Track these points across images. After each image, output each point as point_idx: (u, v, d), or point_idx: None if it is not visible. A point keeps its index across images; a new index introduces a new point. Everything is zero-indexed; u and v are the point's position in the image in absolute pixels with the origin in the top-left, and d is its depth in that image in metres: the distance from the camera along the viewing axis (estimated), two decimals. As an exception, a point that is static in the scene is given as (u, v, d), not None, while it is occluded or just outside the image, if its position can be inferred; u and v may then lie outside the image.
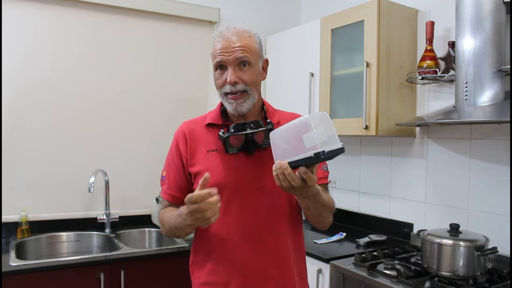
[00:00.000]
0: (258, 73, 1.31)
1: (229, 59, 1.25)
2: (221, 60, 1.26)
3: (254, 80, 1.29)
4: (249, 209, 1.30)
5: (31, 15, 2.38)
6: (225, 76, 1.26)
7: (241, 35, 1.28)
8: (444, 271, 1.72)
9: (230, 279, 1.30)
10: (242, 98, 1.27)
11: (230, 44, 1.26)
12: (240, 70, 1.26)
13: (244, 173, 1.30)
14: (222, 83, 1.27)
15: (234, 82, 1.25)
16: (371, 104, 2.13)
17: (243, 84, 1.26)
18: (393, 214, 2.42)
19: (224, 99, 1.29)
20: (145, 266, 2.09)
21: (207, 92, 2.90)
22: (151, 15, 2.69)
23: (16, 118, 2.36)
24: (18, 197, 2.36)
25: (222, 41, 1.27)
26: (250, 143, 1.27)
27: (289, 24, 3.06)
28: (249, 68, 1.27)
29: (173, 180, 1.39)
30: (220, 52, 1.26)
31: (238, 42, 1.26)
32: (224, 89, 1.27)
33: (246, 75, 1.27)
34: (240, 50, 1.26)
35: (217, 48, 1.27)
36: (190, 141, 1.36)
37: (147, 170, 2.68)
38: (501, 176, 1.92)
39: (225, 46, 1.26)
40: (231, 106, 1.28)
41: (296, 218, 1.38)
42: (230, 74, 1.25)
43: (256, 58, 1.30)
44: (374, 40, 2.12)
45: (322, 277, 2.01)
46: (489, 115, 1.73)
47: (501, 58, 1.75)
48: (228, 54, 1.25)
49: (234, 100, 1.27)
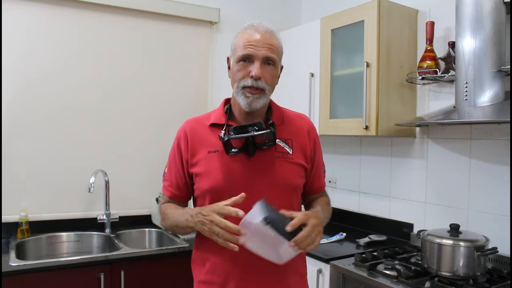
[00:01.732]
0: (277, 76, 1.33)
1: (259, 54, 1.24)
2: (251, 53, 1.24)
3: (273, 81, 1.30)
4: (248, 211, 1.29)
5: (30, 15, 2.38)
6: (249, 69, 1.24)
7: (273, 34, 1.29)
8: (444, 271, 1.72)
9: (228, 280, 1.30)
10: (258, 95, 1.26)
11: (263, 39, 1.25)
12: (265, 68, 1.26)
13: (244, 175, 1.29)
14: (244, 76, 1.25)
15: (259, 77, 1.23)
16: (371, 104, 2.13)
17: (264, 83, 1.25)
18: (393, 214, 2.42)
19: (240, 92, 1.26)
20: (145, 266, 2.09)
21: (207, 92, 2.90)
22: (151, 15, 2.69)
23: (16, 118, 2.36)
24: (18, 197, 2.36)
25: (254, 34, 1.26)
26: (251, 145, 1.27)
27: (289, 24, 3.06)
28: (272, 68, 1.28)
29: (174, 178, 1.40)
30: (252, 45, 1.24)
31: (270, 40, 1.27)
32: (246, 82, 1.24)
33: (269, 74, 1.27)
34: (271, 48, 1.26)
35: (249, 39, 1.25)
36: (191, 141, 1.35)
37: (147, 170, 2.68)
38: (501, 176, 1.92)
39: (257, 40, 1.25)
40: (246, 100, 1.25)
41: None
42: (257, 69, 1.23)
43: (279, 61, 1.31)
44: (374, 40, 2.12)
45: (322, 277, 2.01)
46: (489, 115, 1.73)
47: (501, 58, 1.75)
48: (259, 49, 1.24)
49: (251, 95, 1.25)
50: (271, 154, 1.30)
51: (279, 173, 1.30)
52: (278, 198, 1.29)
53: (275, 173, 1.30)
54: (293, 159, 1.33)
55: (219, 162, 1.30)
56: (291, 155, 1.33)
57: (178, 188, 1.40)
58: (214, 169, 1.29)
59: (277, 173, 1.30)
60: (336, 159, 2.78)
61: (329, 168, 1.42)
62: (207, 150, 1.32)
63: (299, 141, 1.36)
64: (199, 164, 1.33)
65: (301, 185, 1.38)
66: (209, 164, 1.31)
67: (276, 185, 1.30)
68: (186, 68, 2.83)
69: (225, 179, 1.28)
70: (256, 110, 1.29)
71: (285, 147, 1.33)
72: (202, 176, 1.32)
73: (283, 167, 1.31)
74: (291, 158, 1.33)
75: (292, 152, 1.33)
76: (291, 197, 1.34)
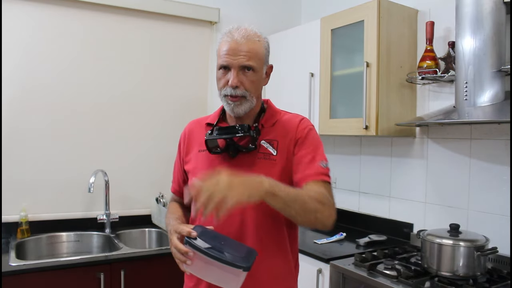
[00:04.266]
0: (260, 79, 1.31)
1: (234, 63, 1.24)
2: (227, 63, 1.25)
3: (254, 86, 1.29)
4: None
5: (30, 15, 2.38)
6: (227, 78, 1.26)
7: (250, 39, 1.26)
8: (444, 271, 1.72)
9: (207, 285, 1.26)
10: (239, 101, 1.27)
11: (238, 47, 1.24)
12: (243, 74, 1.26)
13: None
14: (223, 84, 1.27)
15: (235, 86, 1.25)
16: (371, 104, 2.13)
17: (243, 90, 1.26)
18: (393, 214, 2.42)
19: (224, 99, 1.30)
20: (145, 266, 2.09)
21: (207, 93, 2.90)
22: (151, 15, 2.69)
23: (16, 118, 2.36)
24: (18, 197, 2.36)
25: (230, 42, 1.25)
26: (231, 146, 1.28)
27: (289, 24, 3.06)
28: (252, 73, 1.27)
29: (176, 175, 1.50)
30: (226, 54, 1.25)
31: (246, 47, 1.25)
32: (225, 91, 1.27)
33: (248, 81, 1.26)
34: (246, 56, 1.24)
35: (223, 49, 1.26)
36: (188, 140, 1.42)
37: (147, 170, 2.68)
38: (501, 176, 1.92)
39: (232, 48, 1.24)
40: (229, 107, 1.29)
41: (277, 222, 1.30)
42: (233, 78, 1.24)
43: (261, 64, 1.29)
44: (374, 40, 2.12)
45: (322, 277, 2.01)
46: (489, 115, 1.73)
47: (501, 58, 1.75)
48: (233, 58, 1.24)
49: (232, 102, 1.27)
50: (254, 156, 1.30)
51: (260, 173, 1.21)
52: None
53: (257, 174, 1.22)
54: (276, 160, 1.30)
55: (205, 161, 1.34)
56: (275, 156, 1.30)
57: (179, 184, 1.48)
58: (200, 167, 1.33)
59: (258, 173, 1.21)
60: (336, 159, 2.77)
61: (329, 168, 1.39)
62: (198, 149, 1.38)
63: (286, 141, 1.32)
64: (190, 162, 1.39)
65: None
66: (197, 162, 1.36)
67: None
68: (186, 68, 2.83)
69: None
70: (242, 114, 1.30)
71: (268, 148, 1.31)
72: (190, 173, 1.38)
73: (264, 168, 1.27)
74: (274, 159, 1.30)
75: (276, 153, 1.30)
76: None
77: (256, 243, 1.24)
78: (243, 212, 1.26)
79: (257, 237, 1.27)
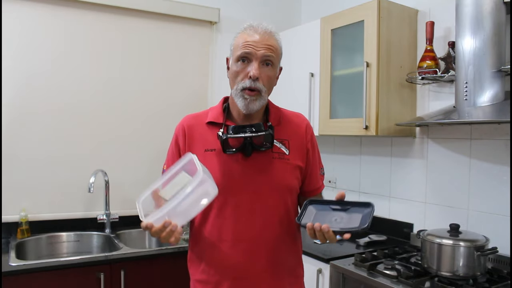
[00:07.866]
0: (274, 77, 1.31)
1: (257, 53, 1.23)
2: (249, 52, 1.23)
3: (270, 83, 1.29)
4: (243, 212, 1.28)
5: (31, 15, 2.38)
6: (247, 70, 1.24)
7: (272, 35, 1.28)
8: (444, 271, 1.72)
9: (222, 280, 1.29)
10: (255, 96, 1.25)
11: (262, 40, 1.24)
12: (263, 69, 1.25)
13: (240, 175, 1.28)
14: (242, 77, 1.24)
15: (256, 77, 1.22)
16: (371, 104, 2.13)
17: (261, 83, 1.24)
18: (393, 214, 2.42)
19: (239, 94, 1.25)
20: (145, 266, 2.09)
21: (207, 92, 2.90)
22: (151, 15, 2.69)
23: (16, 118, 2.36)
24: (18, 197, 2.36)
25: (253, 34, 1.25)
26: (248, 146, 1.26)
27: (289, 24, 3.06)
28: (270, 68, 1.27)
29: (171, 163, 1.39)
30: (250, 44, 1.23)
31: (269, 41, 1.26)
32: (244, 83, 1.24)
33: (266, 76, 1.26)
34: (270, 48, 1.25)
35: (247, 39, 1.25)
36: (189, 137, 1.35)
37: (147, 170, 2.68)
38: (501, 176, 1.92)
39: (256, 40, 1.24)
40: (244, 102, 1.25)
41: (292, 220, 1.36)
42: (255, 69, 1.22)
43: (278, 61, 1.31)
44: (374, 40, 2.12)
45: (322, 277, 2.01)
46: (489, 115, 1.73)
47: (501, 58, 1.75)
48: (258, 48, 1.23)
49: (249, 96, 1.24)
50: (268, 155, 1.30)
51: (275, 174, 1.30)
52: (273, 198, 1.30)
53: (272, 174, 1.30)
54: (289, 159, 1.32)
55: (216, 161, 1.29)
56: (288, 155, 1.32)
57: None
58: (211, 168, 1.28)
59: (273, 173, 1.30)
60: (336, 159, 2.77)
61: (329, 168, 1.42)
62: (204, 148, 1.32)
63: (296, 142, 1.36)
64: None
65: (297, 186, 1.37)
66: (206, 163, 1.29)
67: (272, 186, 1.30)
68: (186, 68, 2.83)
69: (222, 178, 1.27)
70: (253, 112, 1.28)
71: (281, 147, 1.32)
72: None
73: (279, 168, 1.30)
74: (287, 159, 1.32)
75: (288, 153, 1.33)
76: (286, 198, 1.33)
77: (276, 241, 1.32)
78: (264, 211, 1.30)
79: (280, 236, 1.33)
